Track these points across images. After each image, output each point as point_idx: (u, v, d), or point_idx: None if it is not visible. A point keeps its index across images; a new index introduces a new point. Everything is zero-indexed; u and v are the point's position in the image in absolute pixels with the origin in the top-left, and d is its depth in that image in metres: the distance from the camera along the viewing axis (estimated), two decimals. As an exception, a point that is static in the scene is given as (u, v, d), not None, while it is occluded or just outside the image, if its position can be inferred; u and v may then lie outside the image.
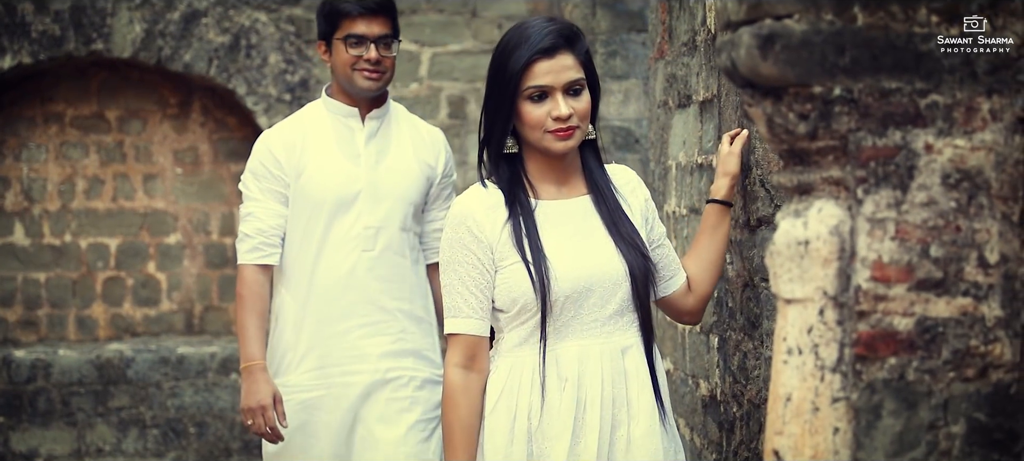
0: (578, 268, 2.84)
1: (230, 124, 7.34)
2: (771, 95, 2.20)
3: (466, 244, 2.86)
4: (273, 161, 3.96)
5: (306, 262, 3.96)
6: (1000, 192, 2.14)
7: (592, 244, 2.89)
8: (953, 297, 2.15)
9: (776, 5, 2.16)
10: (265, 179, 3.96)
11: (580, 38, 2.91)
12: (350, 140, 3.99)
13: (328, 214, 3.94)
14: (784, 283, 2.23)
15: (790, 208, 2.27)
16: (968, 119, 2.14)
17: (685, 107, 3.81)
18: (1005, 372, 2.16)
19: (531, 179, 2.93)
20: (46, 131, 7.30)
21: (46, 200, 7.31)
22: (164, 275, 7.40)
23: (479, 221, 2.86)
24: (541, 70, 2.83)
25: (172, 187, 7.38)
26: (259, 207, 3.96)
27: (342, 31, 3.91)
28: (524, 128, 2.87)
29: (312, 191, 3.93)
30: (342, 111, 4.00)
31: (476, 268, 2.86)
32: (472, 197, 2.90)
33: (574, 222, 2.91)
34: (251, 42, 6.99)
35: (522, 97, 2.85)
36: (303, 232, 3.96)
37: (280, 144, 3.97)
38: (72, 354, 6.95)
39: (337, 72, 3.96)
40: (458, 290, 2.87)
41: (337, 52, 3.94)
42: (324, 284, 3.96)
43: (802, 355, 2.22)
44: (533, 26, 2.88)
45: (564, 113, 2.83)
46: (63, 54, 6.87)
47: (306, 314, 3.97)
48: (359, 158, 3.98)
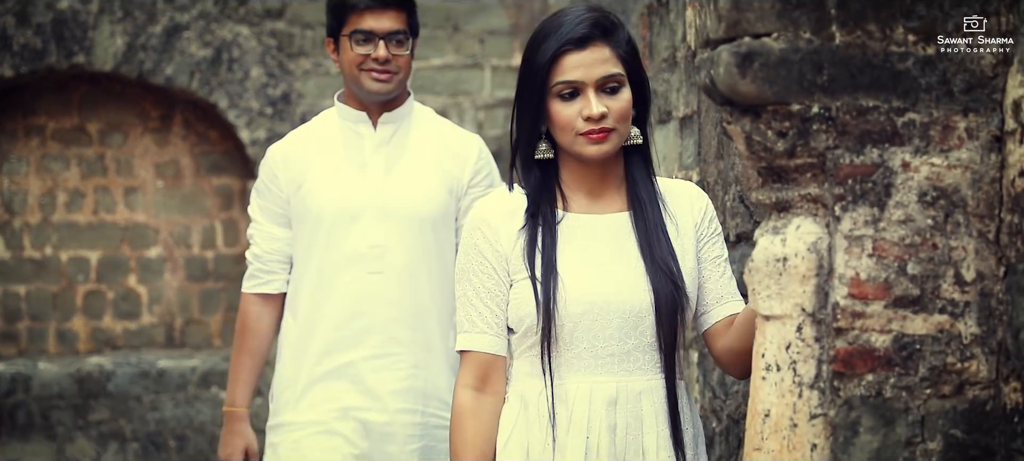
0: (594, 291, 2.51)
1: (212, 138, 7.34)
2: (750, 113, 2.22)
3: (481, 251, 2.57)
4: (271, 176, 3.60)
5: (307, 286, 3.55)
6: (976, 210, 2.16)
7: (619, 267, 2.54)
8: (930, 314, 2.16)
9: (755, 24, 2.17)
10: (264, 197, 3.61)
11: (619, 28, 2.57)
12: (358, 147, 3.56)
13: (328, 230, 3.52)
14: (763, 300, 2.24)
15: (768, 225, 2.28)
16: (945, 137, 2.16)
17: (665, 123, 3.82)
18: (981, 389, 2.17)
19: (563, 188, 2.60)
20: (27, 144, 7.28)
21: (27, 213, 7.29)
22: (145, 288, 7.39)
23: (495, 227, 2.58)
24: (571, 63, 2.50)
25: (153, 200, 7.37)
26: (258, 230, 3.62)
27: (349, 26, 3.51)
28: (555, 130, 2.55)
29: (311, 205, 3.53)
30: (352, 116, 3.57)
31: (491, 278, 2.56)
32: (492, 202, 2.63)
33: (603, 241, 2.57)
34: (233, 56, 6.99)
35: (551, 95, 2.53)
36: (305, 252, 3.56)
37: (280, 157, 3.60)
38: (52, 367, 6.93)
39: (344, 72, 3.56)
40: (472, 302, 2.58)
41: (344, 50, 3.53)
42: (328, 311, 3.53)
43: (780, 371, 2.23)
44: (568, 15, 2.55)
45: (595, 112, 2.49)
46: (44, 67, 6.86)
47: (309, 344, 3.55)
48: (366, 167, 3.54)
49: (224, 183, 7.37)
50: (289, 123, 6.76)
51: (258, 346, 3.63)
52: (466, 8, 7.21)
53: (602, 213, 2.59)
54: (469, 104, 7.19)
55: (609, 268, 2.53)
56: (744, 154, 2.30)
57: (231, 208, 7.38)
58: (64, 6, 6.82)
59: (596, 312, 2.51)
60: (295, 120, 6.78)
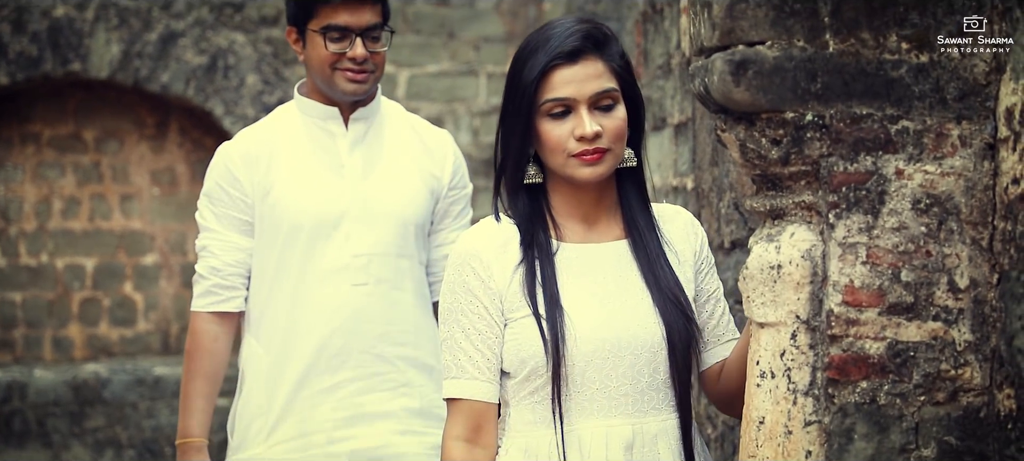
0: (604, 327, 2.32)
1: (207, 145, 7.34)
2: (744, 121, 2.22)
3: (471, 289, 2.34)
4: (230, 179, 3.17)
5: (281, 303, 3.18)
6: (970, 217, 2.16)
7: (625, 300, 2.36)
8: (924, 321, 2.17)
9: (749, 31, 2.18)
10: (221, 203, 3.18)
11: (612, 41, 2.39)
12: (331, 147, 3.20)
13: (307, 241, 3.16)
14: (757, 307, 2.25)
15: (763, 232, 2.29)
16: (938, 145, 2.17)
17: (660, 130, 3.83)
18: (975, 395, 2.18)
19: (555, 216, 2.40)
20: (23, 151, 7.28)
21: (22, 220, 7.29)
22: (141, 295, 7.39)
23: (486, 262, 2.35)
24: (561, 79, 2.31)
25: (149, 207, 7.37)
26: (215, 240, 3.19)
27: (320, 20, 3.13)
28: (545, 152, 2.35)
29: (284, 212, 3.15)
30: (319, 113, 3.21)
31: (483, 319, 2.34)
32: (480, 233, 2.39)
33: (603, 271, 2.38)
34: (229, 63, 6.99)
35: (540, 113, 2.33)
36: (276, 266, 3.17)
37: (239, 157, 3.17)
38: (48, 375, 6.93)
39: (312, 69, 3.18)
40: (462, 345, 2.33)
41: (313, 45, 3.16)
42: (307, 330, 3.17)
43: (775, 378, 2.23)
44: (556, 27, 2.36)
45: (589, 131, 2.30)
46: (40, 75, 6.87)
47: (283, 369, 3.18)
48: (343, 169, 3.19)
49: (220, 190, 7.37)
50: (285, 130, 6.77)
51: (215, 370, 3.24)
52: (461, 15, 7.22)
53: (599, 242, 2.41)
54: (464, 111, 7.20)
55: (616, 301, 2.35)
56: (738, 162, 2.30)
57: (227, 215, 7.38)
58: (60, 14, 6.83)
59: (608, 349, 2.32)
60: (291, 127, 6.78)
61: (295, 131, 3.21)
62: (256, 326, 3.22)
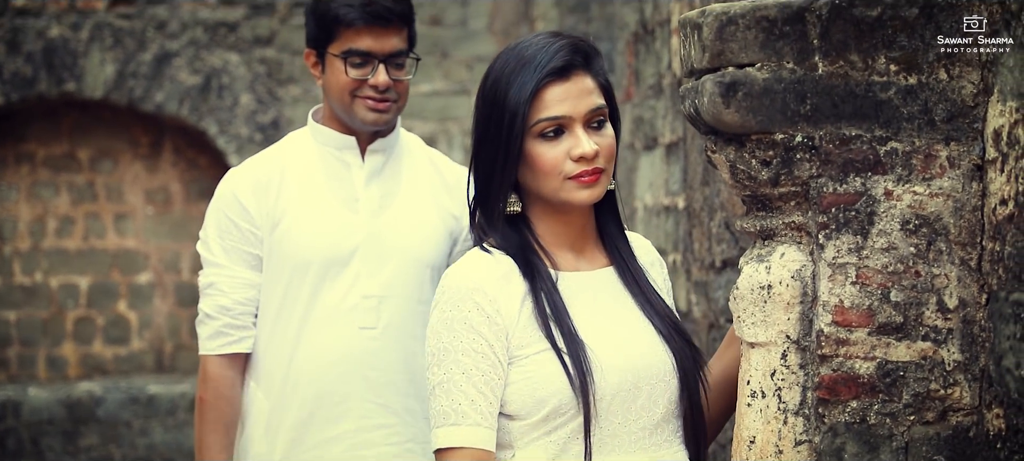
0: (623, 358, 2.21)
1: (201, 164, 7.35)
2: (734, 142, 2.23)
3: (474, 327, 2.15)
4: (239, 210, 2.93)
5: (284, 345, 2.94)
6: (959, 238, 2.18)
7: (632, 329, 2.26)
8: (913, 341, 2.18)
9: (738, 53, 2.19)
10: (229, 235, 2.93)
11: (598, 55, 2.29)
12: (345, 179, 2.98)
13: (315, 278, 2.92)
14: (747, 327, 2.26)
15: (753, 253, 2.30)
16: (927, 166, 2.18)
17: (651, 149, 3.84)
18: (964, 415, 2.19)
19: (544, 245, 2.27)
20: (17, 171, 7.29)
21: (17, 239, 7.30)
22: (135, 314, 7.39)
23: (492, 297, 2.17)
24: (554, 97, 2.19)
25: (143, 226, 7.38)
26: (223, 276, 2.94)
27: (341, 44, 2.92)
28: (535, 177, 2.22)
29: (292, 247, 2.92)
30: (335, 142, 2.99)
31: (487, 359, 2.15)
32: (477, 266, 2.21)
33: (604, 300, 2.27)
34: (223, 83, 7.01)
35: (531, 136, 2.20)
36: (280, 304, 2.94)
37: (248, 186, 2.94)
38: (42, 393, 6.93)
39: (331, 95, 2.96)
40: (462, 388, 2.13)
41: (332, 70, 2.94)
42: (309, 374, 2.93)
43: (765, 398, 2.24)
44: (535, 44, 2.23)
45: (589, 150, 2.19)
46: (34, 95, 6.88)
47: (283, 416, 2.95)
48: (357, 203, 2.96)
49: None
50: (279, 149, 6.79)
51: (233, 418, 2.96)
52: (454, 35, 7.24)
53: (591, 269, 2.30)
54: (457, 130, 7.22)
55: (624, 331, 2.25)
56: (729, 182, 2.31)
57: (221, 234, 7.40)
58: (54, 34, 6.84)
59: (630, 382, 2.21)
60: (285, 146, 6.80)
61: (308, 159, 2.98)
62: (257, 368, 2.98)
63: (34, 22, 6.84)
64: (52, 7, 6.87)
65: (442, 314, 2.19)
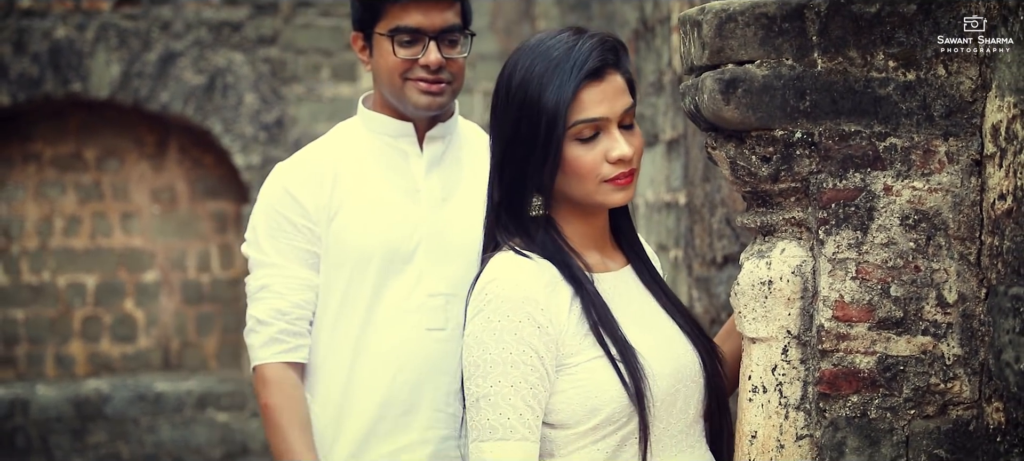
0: (667, 361, 2.20)
1: (206, 163, 7.37)
2: (734, 138, 2.24)
3: (525, 339, 2.09)
4: (293, 205, 2.68)
5: (344, 350, 2.69)
6: (958, 233, 2.19)
7: (664, 331, 2.25)
8: (913, 336, 2.19)
9: (738, 51, 2.20)
10: (283, 233, 2.67)
11: (625, 51, 2.25)
12: (404, 170, 2.73)
13: (377, 275, 2.66)
14: (748, 322, 2.27)
15: (754, 249, 2.31)
16: (925, 161, 2.19)
17: (652, 146, 3.85)
18: (964, 409, 2.20)
19: (573, 246, 2.23)
20: (24, 170, 7.32)
21: (24, 239, 7.32)
22: (141, 312, 7.41)
23: (543, 305, 2.11)
24: (592, 98, 2.15)
25: (149, 225, 7.40)
26: (278, 276, 2.66)
27: (388, 21, 2.67)
28: (568, 180, 2.18)
29: (353, 240, 2.66)
30: (390, 129, 2.74)
31: (536, 372, 2.09)
32: (524, 273, 2.14)
33: (636, 301, 2.26)
34: (227, 82, 7.03)
35: (567, 138, 2.16)
36: (340, 304, 2.68)
37: (300, 179, 2.69)
38: (50, 391, 6.96)
39: (381, 80, 2.72)
40: (510, 401, 2.07)
41: (380, 52, 2.69)
42: (368, 381, 2.67)
43: (767, 393, 2.25)
44: (562, 43, 2.17)
45: (628, 152, 2.17)
46: (41, 95, 6.90)
47: (341, 428, 2.69)
48: (418, 194, 2.72)
49: (219, 207, 7.41)
50: (283, 148, 6.80)
51: (307, 416, 2.68)
52: (459, 31, 7.25)
53: (616, 270, 2.29)
54: (463, 126, 7.23)
55: (660, 333, 2.24)
56: (729, 179, 2.32)
57: (226, 232, 7.41)
58: (60, 35, 6.87)
59: (675, 385, 2.20)
60: (288, 145, 6.81)
61: (362, 149, 2.73)
62: (313, 379, 2.71)
63: (40, 23, 6.86)
64: (58, 8, 6.89)
65: (489, 323, 2.11)
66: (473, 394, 2.11)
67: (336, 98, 7.02)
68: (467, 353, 2.14)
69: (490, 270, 2.18)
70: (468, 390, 2.14)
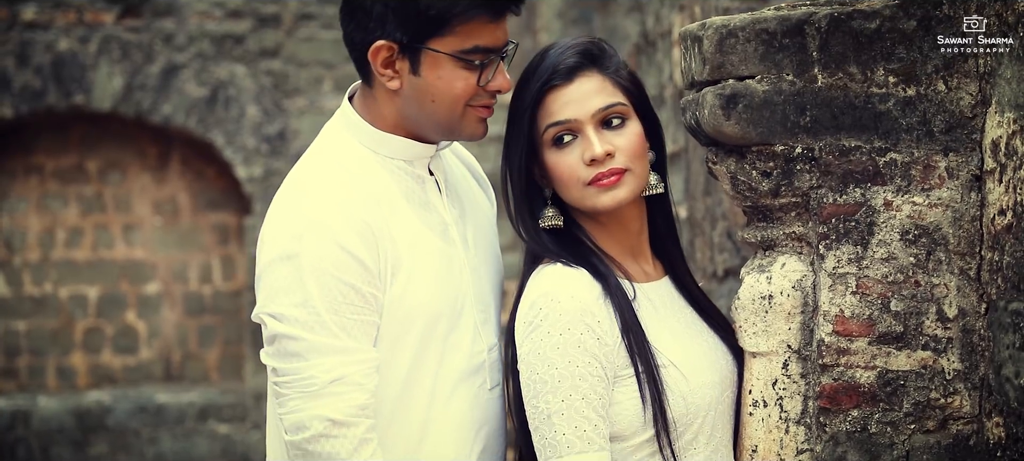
0: (716, 370, 2.22)
1: (208, 175, 7.38)
2: (734, 153, 2.25)
3: (589, 349, 2.08)
4: (357, 270, 2.15)
5: (410, 427, 2.24)
6: (958, 248, 2.19)
7: (706, 339, 2.26)
8: (913, 350, 2.19)
9: (738, 66, 2.21)
10: (350, 306, 2.14)
11: (610, 54, 2.22)
12: (426, 201, 2.29)
13: (442, 336, 2.24)
14: (749, 337, 2.27)
15: (754, 263, 2.31)
16: (925, 177, 2.19)
17: (656, 159, 3.86)
18: (964, 424, 2.20)
19: (609, 253, 2.22)
20: (27, 183, 7.33)
21: (26, 250, 7.33)
22: (143, 324, 7.42)
23: (599, 317, 2.11)
24: (559, 101, 2.15)
25: (151, 237, 7.41)
26: (351, 363, 2.14)
27: (459, 40, 2.17)
28: (559, 188, 2.19)
29: (416, 302, 2.21)
30: (408, 153, 2.28)
31: (603, 382, 2.10)
32: (578, 284, 2.12)
33: (679, 312, 2.27)
34: (229, 94, 7.04)
35: (545, 144, 2.17)
36: (406, 377, 2.23)
37: (356, 233, 2.16)
38: (52, 403, 6.96)
39: (432, 103, 2.22)
40: (584, 414, 2.06)
41: (439, 73, 2.19)
42: (436, 455, 2.25)
43: (767, 407, 2.26)
44: (551, 48, 2.21)
45: (599, 151, 2.13)
46: (44, 107, 6.92)
47: None
48: (446, 229, 2.30)
49: (221, 219, 7.42)
50: (285, 160, 6.81)
51: None
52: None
53: (658, 279, 2.28)
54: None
55: (703, 343, 2.25)
56: (729, 194, 2.33)
57: (228, 244, 7.42)
58: (63, 47, 6.88)
59: (723, 391, 2.23)
60: (290, 157, 6.83)
61: (383, 182, 2.26)
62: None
63: (43, 35, 6.88)
64: (61, 21, 6.91)
65: (550, 337, 2.09)
66: (542, 411, 2.09)
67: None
68: (528, 371, 2.11)
69: (540, 283, 2.16)
70: (534, 407, 2.10)
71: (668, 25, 3.89)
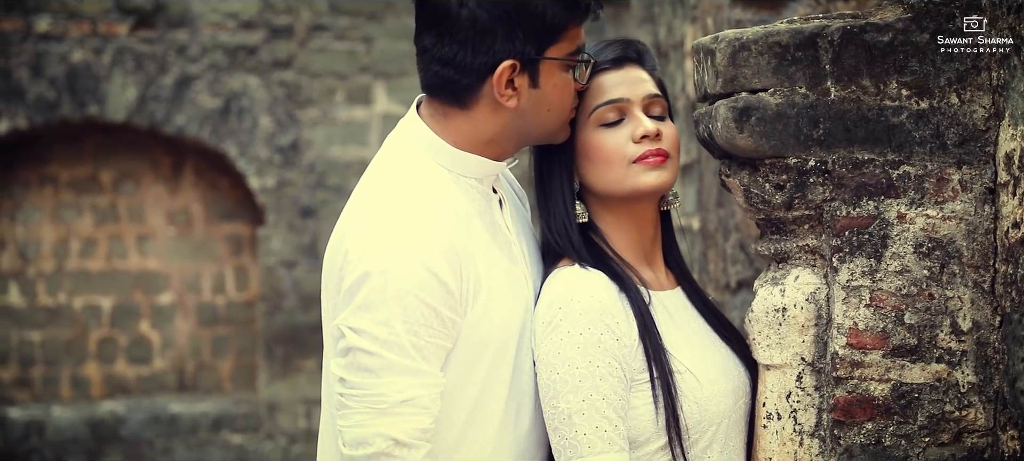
0: (730, 379, 2.23)
1: (222, 186, 7.40)
2: (748, 166, 2.25)
3: (609, 349, 2.09)
4: (441, 293, 2.10)
5: (479, 455, 2.19)
6: (972, 260, 2.19)
7: (719, 350, 2.26)
8: (927, 363, 2.19)
9: (751, 79, 2.21)
10: (428, 329, 2.10)
11: (649, 55, 2.28)
12: (494, 220, 2.25)
13: (511, 361, 2.19)
14: (763, 349, 2.27)
15: (768, 276, 2.31)
16: (939, 189, 2.19)
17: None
18: (979, 437, 2.20)
19: (623, 257, 2.23)
20: (41, 193, 7.35)
21: (41, 261, 7.36)
22: (157, 334, 7.44)
23: (619, 319, 2.12)
24: (611, 81, 2.19)
25: (165, 247, 7.43)
26: (423, 386, 2.09)
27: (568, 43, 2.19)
28: (598, 170, 2.18)
29: (492, 326, 2.17)
30: (480, 170, 2.24)
31: (623, 383, 2.10)
32: (597, 285, 2.14)
33: (692, 321, 2.28)
34: (242, 105, 7.06)
35: (590, 127, 2.19)
36: (474, 404, 2.17)
37: (441, 254, 2.11)
38: (66, 413, 6.98)
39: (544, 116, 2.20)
40: (604, 414, 2.07)
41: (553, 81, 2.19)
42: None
43: (781, 420, 2.26)
44: (594, 45, 2.25)
45: (651, 128, 2.16)
46: (58, 118, 6.94)
47: None
48: (512, 248, 2.27)
49: (234, 230, 7.43)
50: (297, 170, 6.83)
51: None
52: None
53: (672, 288, 2.29)
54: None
55: (718, 353, 2.25)
56: (743, 206, 2.33)
57: (241, 254, 7.44)
58: (77, 59, 6.91)
59: (737, 399, 2.24)
60: (303, 168, 6.84)
61: (458, 200, 2.20)
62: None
63: (57, 47, 6.91)
64: (75, 32, 6.94)
65: (570, 337, 2.09)
66: (562, 411, 2.09)
67: (350, 121, 7.04)
68: (548, 370, 2.11)
69: (559, 283, 2.17)
70: (553, 407, 2.10)
71: (680, 36, 3.89)
